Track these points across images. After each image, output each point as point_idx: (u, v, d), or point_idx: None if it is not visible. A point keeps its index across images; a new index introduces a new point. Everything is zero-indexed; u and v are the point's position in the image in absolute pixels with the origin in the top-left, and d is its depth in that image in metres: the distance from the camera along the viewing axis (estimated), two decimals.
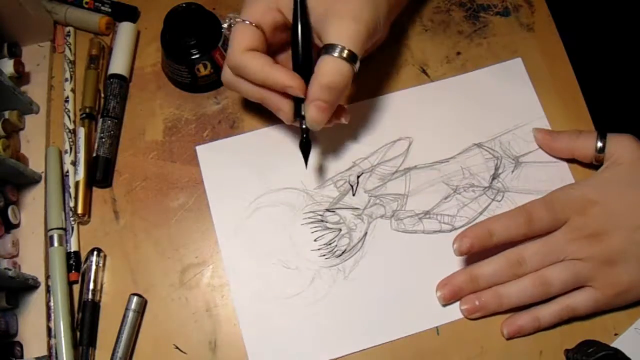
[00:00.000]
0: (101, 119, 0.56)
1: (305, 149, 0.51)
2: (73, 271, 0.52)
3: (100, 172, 0.55)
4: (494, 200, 0.54)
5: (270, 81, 0.47)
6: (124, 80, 0.58)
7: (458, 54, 0.58)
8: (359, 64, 0.48)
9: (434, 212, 0.53)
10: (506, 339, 0.49)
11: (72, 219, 0.54)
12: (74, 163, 0.55)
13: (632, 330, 0.50)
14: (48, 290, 0.51)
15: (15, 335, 0.50)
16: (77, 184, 0.54)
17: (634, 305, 0.50)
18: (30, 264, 0.52)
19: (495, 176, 0.54)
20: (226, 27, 0.50)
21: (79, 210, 0.53)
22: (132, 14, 0.61)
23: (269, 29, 0.49)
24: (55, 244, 0.52)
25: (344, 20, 0.47)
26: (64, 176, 0.55)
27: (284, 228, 0.53)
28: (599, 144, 0.51)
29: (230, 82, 0.51)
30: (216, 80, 0.56)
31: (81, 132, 0.56)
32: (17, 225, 0.53)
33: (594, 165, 0.53)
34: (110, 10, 0.60)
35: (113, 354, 0.49)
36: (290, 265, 0.52)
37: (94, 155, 0.55)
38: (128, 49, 0.59)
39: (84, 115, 0.57)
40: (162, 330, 0.51)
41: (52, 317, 0.50)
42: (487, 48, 0.58)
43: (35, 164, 0.55)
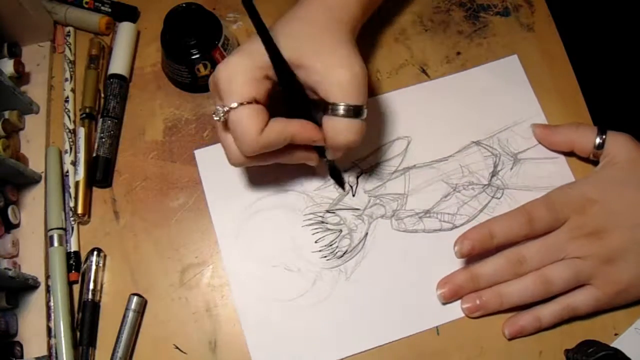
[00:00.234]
0: (101, 119, 0.56)
1: (335, 174, 0.54)
2: (73, 271, 0.52)
3: (100, 172, 0.55)
4: (493, 197, 0.54)
5: (298, 141, 0.46)
6: (124, 80, 0.58)
7: (458, 54, 0.58)
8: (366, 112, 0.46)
9: (434, 211, 0.53)
10: (508, 339, 0.49)
11: (72, 219, 0.54)
12: (74, 163, 0.55)
13: (632, 330, 0.50)
14: (48, 290, 0.51)
15: (15, 335, 0.50)
16: (77, 184, 0.54)
17: (633, 305, 0.50)
18: (30, 264, 0.52)
19: (494, 173, 0.54)
20: (219, 119, 0.45)
21: (79, 210, 0.53)
22: (132, 14, 0.61)
23: (263, 98, 0.46)
24: (55, 244, 0.52)
25: (335, 71, 0.44)
26: (64, 176, 0.55)
27: (285, 230, 0.53)
28: (598, 140, 0.51)
29: (247, 162, 0.48)
30: None
31: (81, 132, 0.56)
32: (17, 225, 0.53)
33: (592, 161, 0.53)
34: (110, 10, 0.60)
35: (113, 354, 0.49)
36: (292, 268, 0.52)
37: (94, 155, 0.55)
38: (128, 49, 0.58)
39: (84, 115, 0.57)
40: (162, 330, 0.51)
41: (52, 317, 0.50)
42: (487, 48, 0.58)
43: (35, 164, 0.55)
